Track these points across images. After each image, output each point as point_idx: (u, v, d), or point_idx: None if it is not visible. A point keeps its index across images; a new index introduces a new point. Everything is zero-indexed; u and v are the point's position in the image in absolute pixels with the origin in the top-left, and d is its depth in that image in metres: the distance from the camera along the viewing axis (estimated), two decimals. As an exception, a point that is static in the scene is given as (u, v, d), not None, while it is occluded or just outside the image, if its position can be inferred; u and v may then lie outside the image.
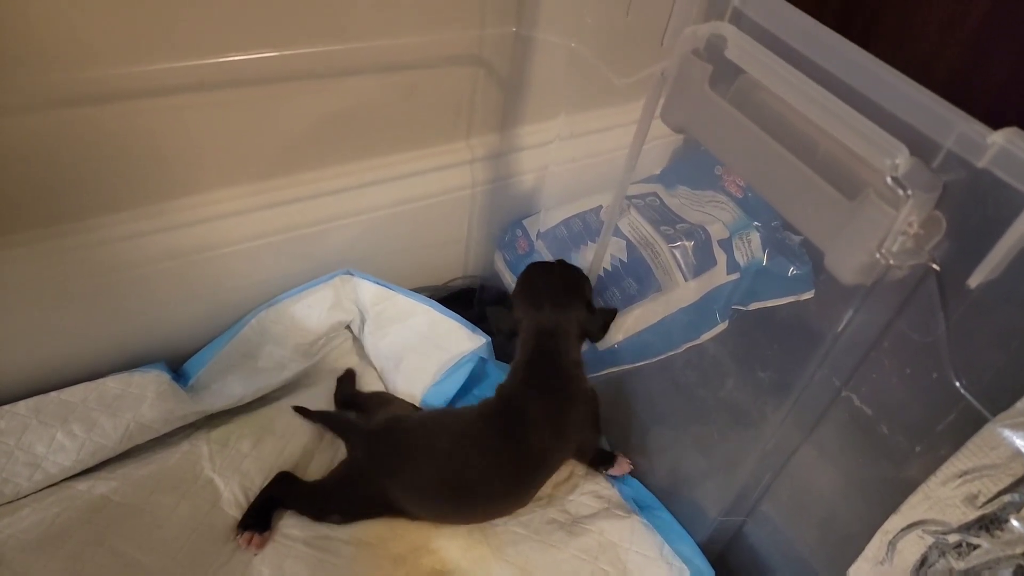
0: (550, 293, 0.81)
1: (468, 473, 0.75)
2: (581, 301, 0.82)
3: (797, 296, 0.82)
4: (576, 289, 0.83)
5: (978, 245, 0.45)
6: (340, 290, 0.96)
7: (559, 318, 0.80)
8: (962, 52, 0.75)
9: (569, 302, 0.81)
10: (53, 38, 0.66)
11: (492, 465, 0.76)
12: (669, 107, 0.65)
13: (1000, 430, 0.45)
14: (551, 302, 0.81)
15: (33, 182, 0.74)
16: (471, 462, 0.75)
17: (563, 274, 0.84)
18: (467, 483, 0.75)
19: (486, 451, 0.76)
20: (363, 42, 0.80)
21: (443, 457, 0.76)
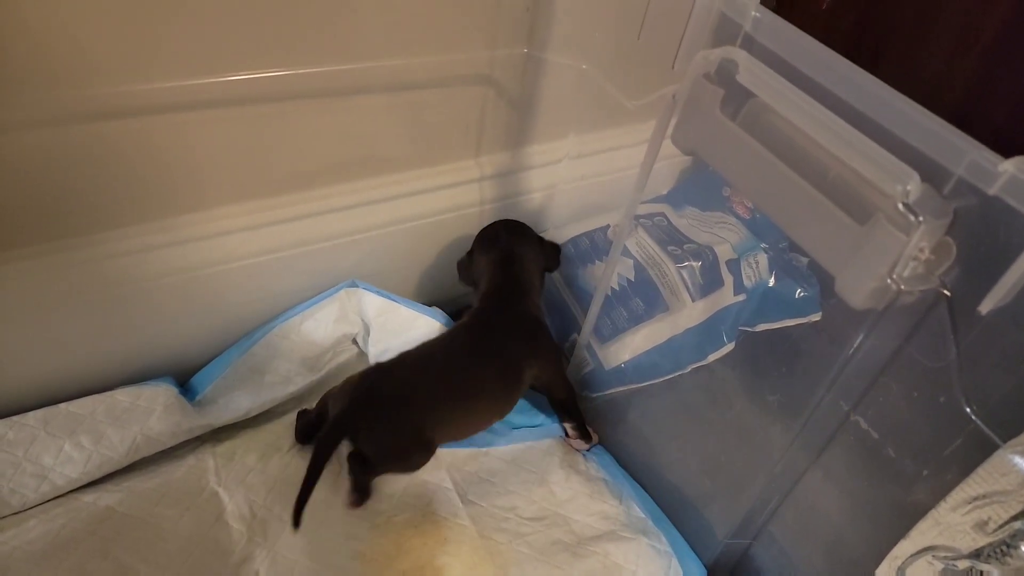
0: (504, 233, 0.92)
1: (460, 383, 0.82)
2: (532, 238, 0.93)
3: (804, 318, 0.82)
4: (525, 230, 0.94)
5: (989, 271, 0.46)
6: (346, 303, 0.96)
7: (515, 248, 0.91)
8: (970, 79, 0.76)
9: (522, 238, 0.92)
10: (63, 55, 0.67)
11: (479, 374, 0.82)
12: (680, 130, 0.65)
13: (1011, 457, 0.45)
14: (506, 238, 0.92)
15: (44, 196, 0.75)
16: (461, 374, 0.82)
17: (510, 223, 0.95)
18: (461, 393, 0.82)
19: (474, 361, 0.83)
20: (375, 62, 0.81)
21: (435, 375, 0.81)
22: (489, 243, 0.92)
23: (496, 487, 0.86)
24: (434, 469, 0.86)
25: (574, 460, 0.91)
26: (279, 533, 0.78)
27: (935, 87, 0.79)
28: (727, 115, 0.61)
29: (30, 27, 0.64)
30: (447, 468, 0.87)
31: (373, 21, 0.77)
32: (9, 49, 0.64)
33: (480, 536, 0.81)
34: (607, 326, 0.92)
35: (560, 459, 0.90)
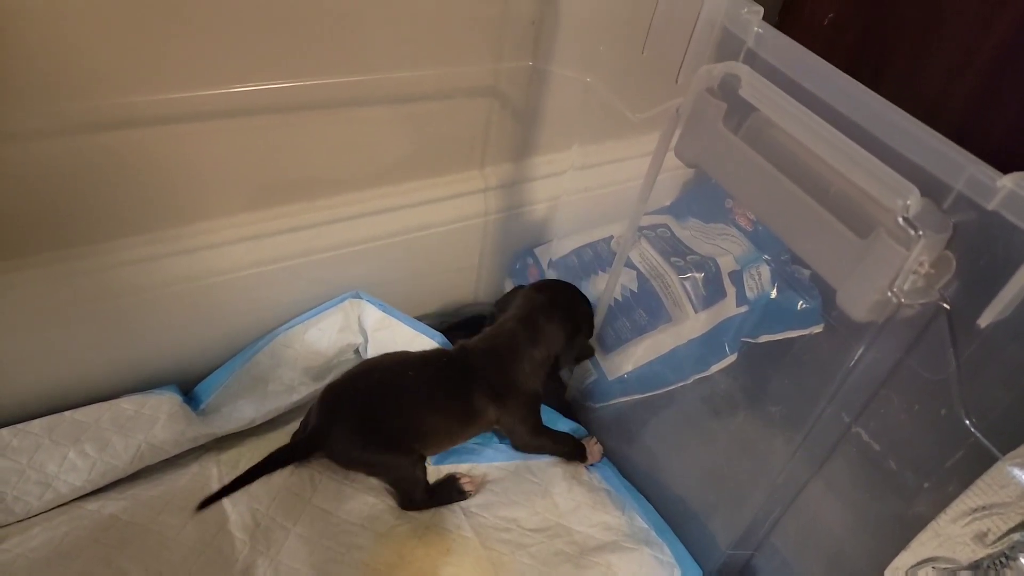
0: (551, 302, 0.87)
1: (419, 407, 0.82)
2: (569, 324, 0.86)
3: (806, 330, 0.83)
4: (572, 313, 0.87)
5: (988, 285, 0.46)
6: (349, 313, 0.97)
7: (541, 324, 0.86)
8: (969, 95, 0.77)
9: (560, 319, 0.86)
10: (68, 67, 0.67)
11: (435, 402, 0.82)
12: (683, 143, 0.66)
13: (1010, 468, 0.45)
14: (545, 310, 0.86)
15: (50, 205, 0.76)
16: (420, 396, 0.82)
17: (560, 294, 0.89)
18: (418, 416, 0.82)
19: (433, 388, 0.82)
20: (381, 74, 0.82)
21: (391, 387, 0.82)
22: (526, 299, 0.88)
23: (499, 497, 0.86)
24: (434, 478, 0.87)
25: (577, 471, 0.91)
26: (282, 542, 0.78)
27: (935, 103, 0.80)
28: (730, 129, 0.62)
29: (36, 39, 0.65)
30: (450, 478, 0.87)
31: (380, 34, 0.78)
32: (15, 60, 0.65)
33: (483, 547, 0.81)
34: (610, 336, 0.93)
35: (563, 470, 0.90)
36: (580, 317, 0.88)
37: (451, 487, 0.84)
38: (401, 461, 0.81)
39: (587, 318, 0.89)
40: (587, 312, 0.89)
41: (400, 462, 0.81)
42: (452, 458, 0.89)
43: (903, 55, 0.82)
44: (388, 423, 0.80)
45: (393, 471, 0.82)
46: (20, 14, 0.63)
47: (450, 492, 0.84)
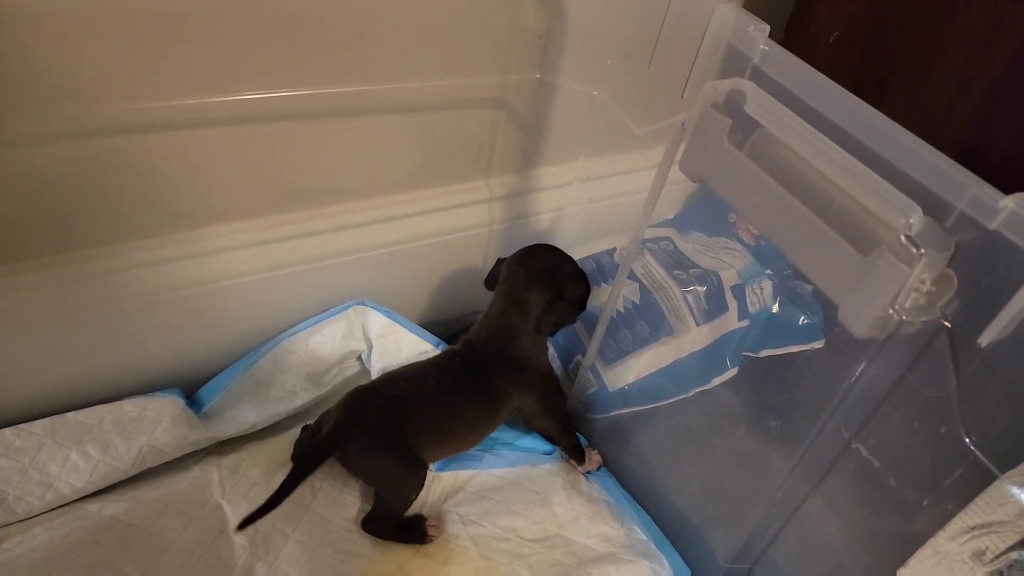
0: (529, 271, 0.86)
1: (443, 408, 0.84)
2: (549, 290, 0.85)
3: (807, 345, 0.83)
4: (552, 272, 0.86)
5: (989, 304, 0.46)
6: (353, 320, 0.97)
7: (522, 293, 0.85)
8: (973, 114, 0.77)
9: (540, 286, 0.85)
10: (75, 72, 0.68)
11: (462, 403, 0.85)
12: (688, 157, 0.67)
13: (1009, 487, 0.46)
14: (525, 280, 0.85)
15: (55, 209, 0.76)
16: (445, 399, 0.84)
17: (540, 260, 0.87)
18: (445, 417, 0.84)
19: (458, 389, 0.85)
20: (389, 84, 0.82)
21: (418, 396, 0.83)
22: (508, 272, 0.88)
23: (498, 507, 0.86)
24: (436, 488, 0.87)
25: (576, 481, 0.91)
26: (281, 548, 0.78)
27: (938, 122, 0.81)
28: (734, 144, 0.62)
29: (44, 43, 0.65)
30: (450, 487, 0.87)
31: (389, 44, 0.79)
32: (24, 64, 0.66)
33: (481, 557, 0.81)
34: (612, 348, 0.93)
35: (563, 479, 0.90)
36: (562, 279, 0.86)
37: (417, 528, 0.81)
38: (409, 478, 0.81)
39: (571, 278, 0.87)
40: (570, 271, 0.87)
41: (408, 479, 0.81)
42: (454, 464, 0.89)
43: (907, 74, 0.83)
44: (412, 431, 0.81)
45: (396, 485, 0.81)
46: (28, 19, 0.63)
47: (414, 533, 0.81)
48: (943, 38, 0.79)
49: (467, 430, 0.86)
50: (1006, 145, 0.75)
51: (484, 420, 0.87)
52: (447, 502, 0.86)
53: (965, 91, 0.77)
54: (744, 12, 0.62)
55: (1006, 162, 0.75)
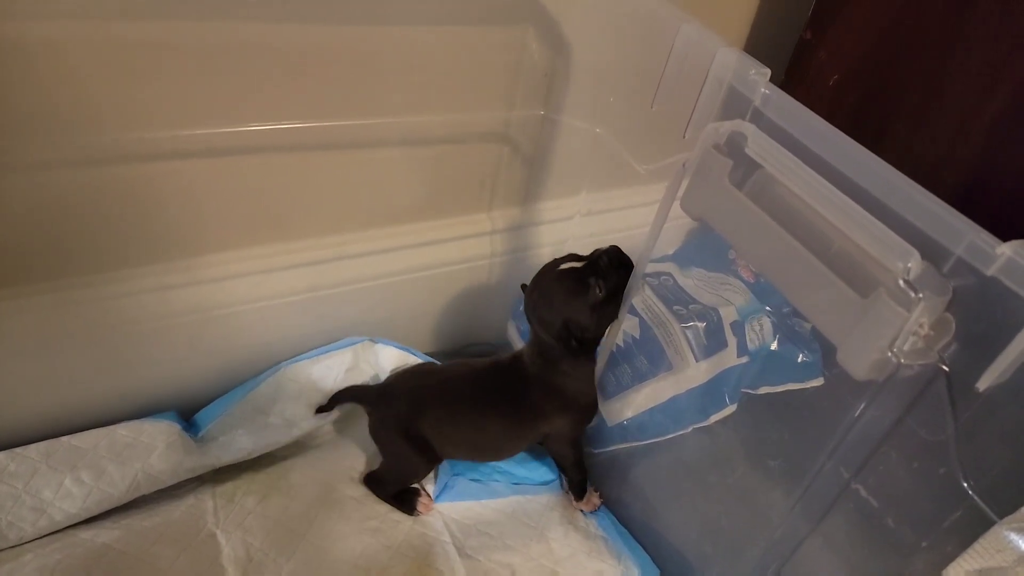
0: (533, 305, 0.82)
1: (475, 414, 0.86)
2: (556, 321, 0.80)
3: (806, 383, 0.83)
4: (552, 308, 0.81)
5: (987, 349, 0.47)
6: (360, 355, 0.97)
7: (541, 329, 0.83)
8: (971, 158, 0.78)
9: (547, 319, 0.81)
10: (82, 102, 0.69)
11: (495, 409, 0.86)
12: (689, 197, 0.67)
13: (1006, 533, 0.46)
14: (534, 313, 0.82)
15: (58, 234, 0.77)
16: (478, 405, 0.86)
17: (547, 287, 0.81)
18: (474, 422, 0.86)
19: (493, 399, 0.86)
20: (396, 118, 0.84)
21: (454, 396, 0.86)
22: (526, 302, 0.84)
23: (494, 540, 0.86)
24: (433, 520, 0.86)
25: (573, 516, 0.90)
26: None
27: (936, 166, 0.82)
28: (735, 184, 0.63)
29: (47, 73, 0.67)
30: (445, 520, 0.87)
31: (396, 80, 0.81)
32: (26, 93, 0.67)
33: (476, 591, 0.80)
34: (611, 382, 0.93)
35: (560, 514, 0.90)
36: (562, 304, 0.80)
37: (409, 501, 0.88)
38: (416, 464, 0.87)
39: (573, 297, 0.79)
40: (569, 291, 0.79)
41: (415, 464, 0.87)
42: (451, 495, 0.89)
43: (905, 118, 0.84)
44: (434, 427, 0.85)
45: (402, 464, 0.87)
46: (34, 48, 0.65)
47: (405, 503, 0.87)
48: (942, 84, 0.81)
49: (489, 442, 0.88)
50: (1005, 190, 0.76)
51: (511, 436, 0.88)
52: (444, 533, 0.85)
53: (963, 136, 0.79)
54: (745, 56, 0.63)
55: (1004, 207, 0.76)
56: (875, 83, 0.87)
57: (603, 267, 0.79)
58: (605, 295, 0.80)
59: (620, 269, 0.80)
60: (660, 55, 0.70)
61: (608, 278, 0.79)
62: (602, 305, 0.80)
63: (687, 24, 0.67)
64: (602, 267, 0.79)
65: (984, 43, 0.76)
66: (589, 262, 0.80)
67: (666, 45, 0.69)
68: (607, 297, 0.80)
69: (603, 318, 0.82)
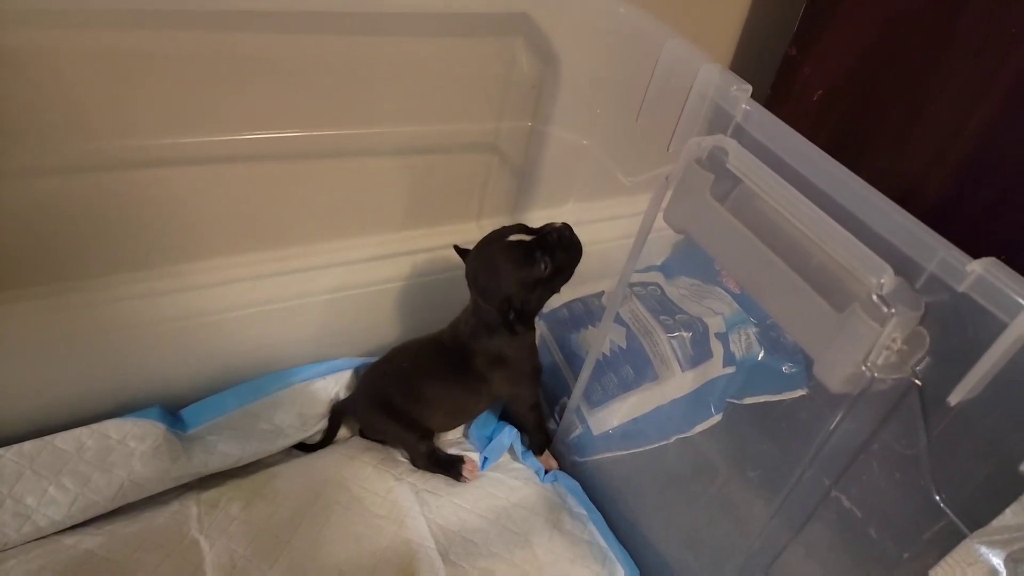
0: (475, 279, 0.82)
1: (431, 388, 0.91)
2: (496, 297, 0.79)
3: (791, 393, 0.84)
4: (494, 285, 0.79)
5: (959, 364, 0.47)
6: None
7: (481, 303, 0.83)
8: (948, 179, 0.80)
9: (488, 295, 0.81)
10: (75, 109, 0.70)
11: (443, 381, 0.90)
12: (672, 210, 0.68)
13: (977, 547, 0.46)
14: (475, 288, 0.83)
15: (50, 240, 0.77)
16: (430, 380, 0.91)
17: (489, 261, 0.80)
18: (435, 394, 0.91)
19: (439, 371, 0.90)
20: (386, 128, 0.85)
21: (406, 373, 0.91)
22: (468, 274, 0.84)
23: (478, 547, 0.86)
24: (417, 526, 0.86)
25: (559, 519, 0.90)
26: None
27: (916, 181, 0.83)
28: (717, 198, 0.64)
29: (41, 80, 0.67)
30: (430, 526, 0.87)
31: (387, 91, 0.82)
32: (20, 100, 0.67)
33: (459, 599, 0.80)
34: (597, 392, 0.93)
35: (544, 519, 0.90)
36: (505, 281, 0.78)
37: (455, 467, 0.92)
38: (407, 435, 0.91)
39: (516, 271, 0.78)
40: (512, 264, 0.77)
41: (406, 436, 0.92)
42: (437, 500, 0.89)
43: (887, 134, 0.86)
44: (405, 402, 0.90)
45: (400, 441, 0.94)
46: (29, 56, 0.65)
47: (450, 469, 0.92)
48: (923, 102, 0.82)
49: (456, 407, 0.94)
50: (981, 207, 0.77)
51: (469, 400, 0.93)
52: (428, 539, 0.85)
53: (943, 153, 0.80)
54: (728, 72, 0.64)
55: (980, 224, 0.77)
56: (858, 99, 0.89)
57: (551, 243, 0.78)
58: (551, 271, 0.78)
59: (570, 249, 0.79)
60: (645, 70, 0.71)
61: (555, 255, 0.78)
62: (546, 281, 0.79)
63: (672, 40, 0.68)
64: (550, 243, 0.78)
65: (964, 64, 0.77)
66: (539, 236, 0.78)
67: (651, 60, 0.70)
68: (552, 274, 0.79)
69: (545, 293, 0.82)
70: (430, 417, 0.92)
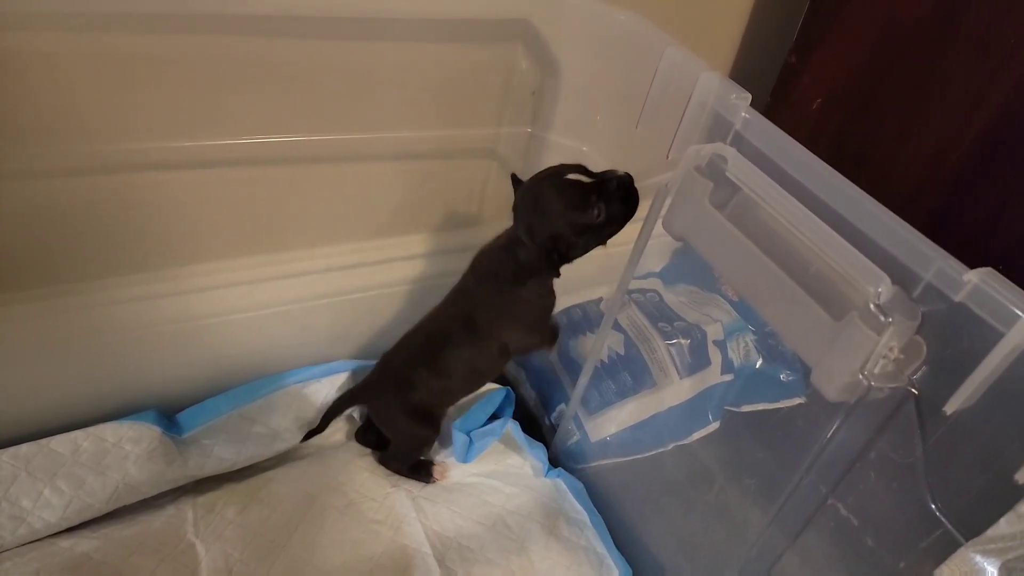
0: (534, 207, 0.76)
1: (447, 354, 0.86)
2: (554, 228, 0.74)
3: (788, 401, 0.84)
4: (556, 217, 0.74)
5: (955, 373, 0.48)
6: (359, 374, 0.98)
7: (527, 233, 0.77)
8: (946, 188, 0.80)
9: (540, 224, 0.75)
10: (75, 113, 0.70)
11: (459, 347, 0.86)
12: (671, 217, 0.68)
13: (972, 556, 0.46)
14: (527, 218, 0.76)
15: (48, 242, 0.78)
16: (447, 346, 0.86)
17: (546, 188, 0.75)
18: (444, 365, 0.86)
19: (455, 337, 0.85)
20: (386, 133, 0.85)
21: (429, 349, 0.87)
22: (516, 205, 0.78)
23: (475, 554, 0.86)
24: (414, 532, 0.86)
25: (555, 526, 0.90)
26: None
27: (914, 190, 0.83)
28: (716, 206, 0.64)
29: (42, 83, 0.67)
30: (426, 532, 0.87)
31: (388, 96, 0.82)
32: (20, 102, 0.67)
33: (455, 605, 0.80)
34: (595, 398, 0.93)
35: (541, 525, 0.90)
36: (555, 218, 0.74)
37: (427, 470, 0.93)
38: (420, 434, 0.90)
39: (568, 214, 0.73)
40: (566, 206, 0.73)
41: (419, 435, 0.90)
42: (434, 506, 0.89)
43: (886, 143, 0.86)
44: (429, 376, 0.87)
45: (408, 439, 0.91)
46: (29, 58, 0.65)
47: (421, 473, 0.93)
48: (921, 112, 0.82)
49: (465, 373, 0.89)
50: (978, 217, 0.77)
51: (484, 360, 0.87)
52: (424, 545, 0.85)
53: (941, 161, 0.80)
54: (728, 80, 0.64)
55: (977, 234, 0.77)
56: (857, 107, 0.89)
57: (609, 191, 0.72)
58: (604, 220, 0.73)
59: (627, 200, 0.73)
60: (645, 77, 0.71)
61: (611, 203, 0.72)
62: (596, 228, 0.74)
63: (672, 48, 0.69)
64: (609, 190, 0.72)
65: (962, 74, 0.78)
66: (598, 181, 0.73)
67: (651, 67, 0.70)
68: (604, 223, 0.73)
69: (591, 241, 0.76)
70: (450, 391, 0.91)
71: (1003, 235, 0.76)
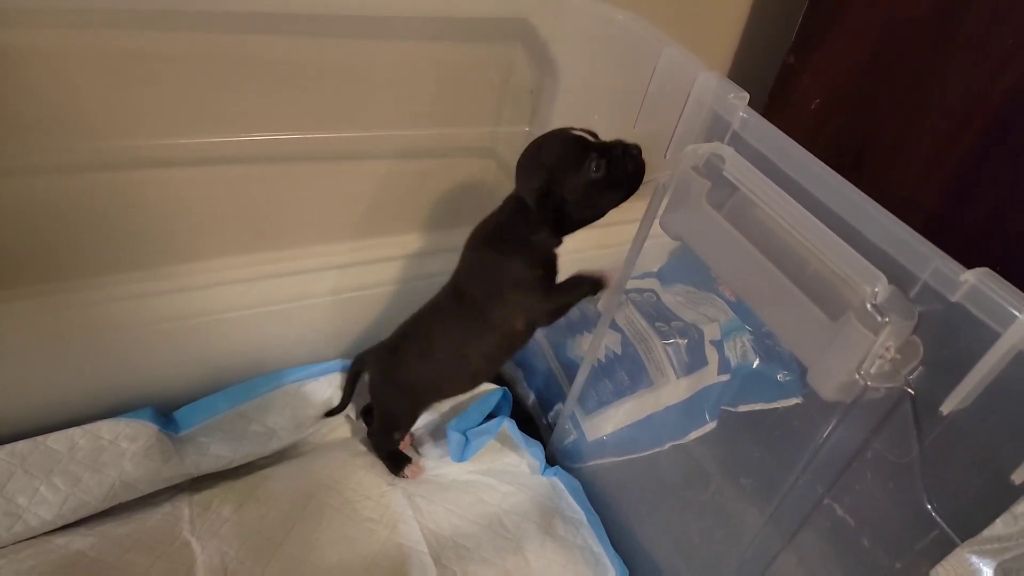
0: (533, 156, 0.74)
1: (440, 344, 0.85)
2: (549, 175, 0.71)
3: (785, 401, 0.84)
4: (552, 165, 0.71)
5: (952, 373, 0.48)
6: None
7: (524, 182, 0.74)
8: (944, 189, 0.80)
9: (536, 172, 0.73)
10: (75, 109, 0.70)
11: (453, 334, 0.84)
12: (668, 216, 0.68)
13: (968, 556, 0.46)
14: (526, 166, 0.74)
15: (47, 240, 0.78)
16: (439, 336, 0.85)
17: (560, 145, 0.72)
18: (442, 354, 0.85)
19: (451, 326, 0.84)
20: (385, 131, 0.85)
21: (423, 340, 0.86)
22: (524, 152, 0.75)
23: (471, 552, 0.86)
24: (410, 531, 0.86)
25: (551, 525, 0.90)
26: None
27: (912, 191, 0.83)
28: (713, 205, 0.64)
29: (43, 81, 0.67)
30: (423, 531, 0.87)
31: (386, 95, 0.82)
32: (20, 99, 0.67)
33: (451, 604, 0.80)
34: (592, 398, 0.93)
35: (537, 524, 0.90)
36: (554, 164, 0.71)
37: (399, 462, 0.93)
38: (394, 411, 0.91)
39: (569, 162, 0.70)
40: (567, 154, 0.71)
41: (393, 412, 0.91)
42: (430, 504, 0.89)
43: (884, 144, 0.86)
44: (410, 365, 0.87)
45: (381, 416, 0.92)
46: (30, 56, 0.65)
47: (395, 464, 0.93)
48: (920, 113, 0.82)
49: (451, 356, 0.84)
50: (976, 218, 0.77)
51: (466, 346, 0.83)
52: (420, 543, 0.85)
53: (939, 162, 0.80)
54: (725, 80, 0.64)
55: (975, 234, 0.77)
56: (856, 108, 0.89)
57: (614, 156, 0.70)
58: (600, 177, 0.70)
59: (632, 170, 0.71)
60: (643, 76, 0.71)
61: (613, 165, 0.70)
62: (592, 186, 0.70)
63: (670, 47, 0.69)
64: (613, 154, 0.70)
65: (962, 74, 0.78)
66: (603, 144, 0.71)
67: (649, 67, 0.70)
68: (600, 183, 0.70)
69: (589, 204, 0.72)
70: (434, 378, 0.88)
71: (1001, 236, 0.76)
